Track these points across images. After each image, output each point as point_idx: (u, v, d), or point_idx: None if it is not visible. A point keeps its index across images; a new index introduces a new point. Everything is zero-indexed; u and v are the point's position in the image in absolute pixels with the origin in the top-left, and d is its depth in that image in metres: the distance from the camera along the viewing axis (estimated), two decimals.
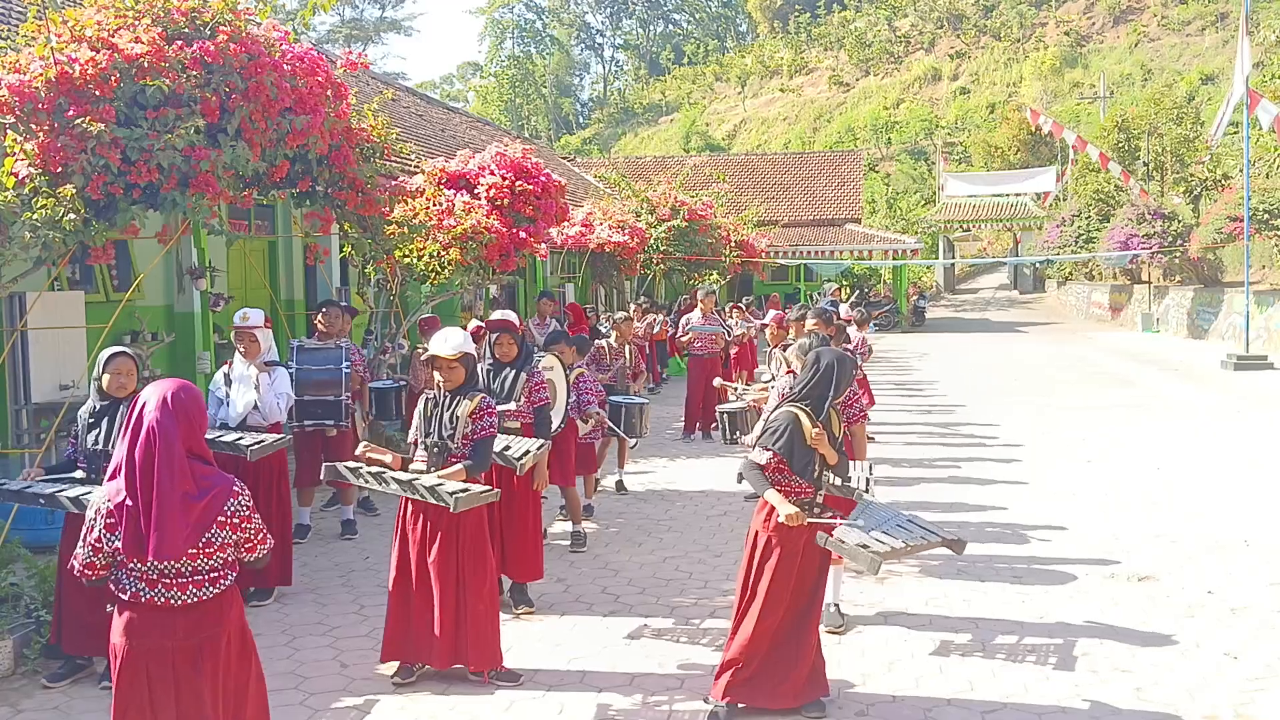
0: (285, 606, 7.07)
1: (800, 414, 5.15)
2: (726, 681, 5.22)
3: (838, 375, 5.18)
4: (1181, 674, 5.81)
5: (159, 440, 3.54)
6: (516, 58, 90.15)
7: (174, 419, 3.57)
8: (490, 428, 5.77)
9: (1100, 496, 10.17)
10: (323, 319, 8.96)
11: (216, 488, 3.65)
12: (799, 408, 5.19)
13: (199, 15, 6.80)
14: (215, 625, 3.70)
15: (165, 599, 3.62)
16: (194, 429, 3.66)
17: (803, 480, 5.17)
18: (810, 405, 5.19)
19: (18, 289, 7.36)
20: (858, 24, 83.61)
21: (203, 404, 3.77)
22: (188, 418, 3.63)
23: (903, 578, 7.58)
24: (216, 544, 3.65)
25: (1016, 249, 52.33)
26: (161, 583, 3.61)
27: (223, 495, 3.66)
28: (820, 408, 5.18)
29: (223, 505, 3.66)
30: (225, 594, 3.74)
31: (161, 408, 3.58)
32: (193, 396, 3.69)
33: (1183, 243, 30.77)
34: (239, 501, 3.71)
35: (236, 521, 3.69)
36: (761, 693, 5.20)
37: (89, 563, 3.66)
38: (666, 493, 10.58)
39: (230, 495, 3.69)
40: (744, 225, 29.97)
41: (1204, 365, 22.26)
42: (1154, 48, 68.43)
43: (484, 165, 12.25)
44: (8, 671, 5.88)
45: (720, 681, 5.27)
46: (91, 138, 6.06)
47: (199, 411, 3.70)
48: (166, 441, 3.54)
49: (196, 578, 3.64)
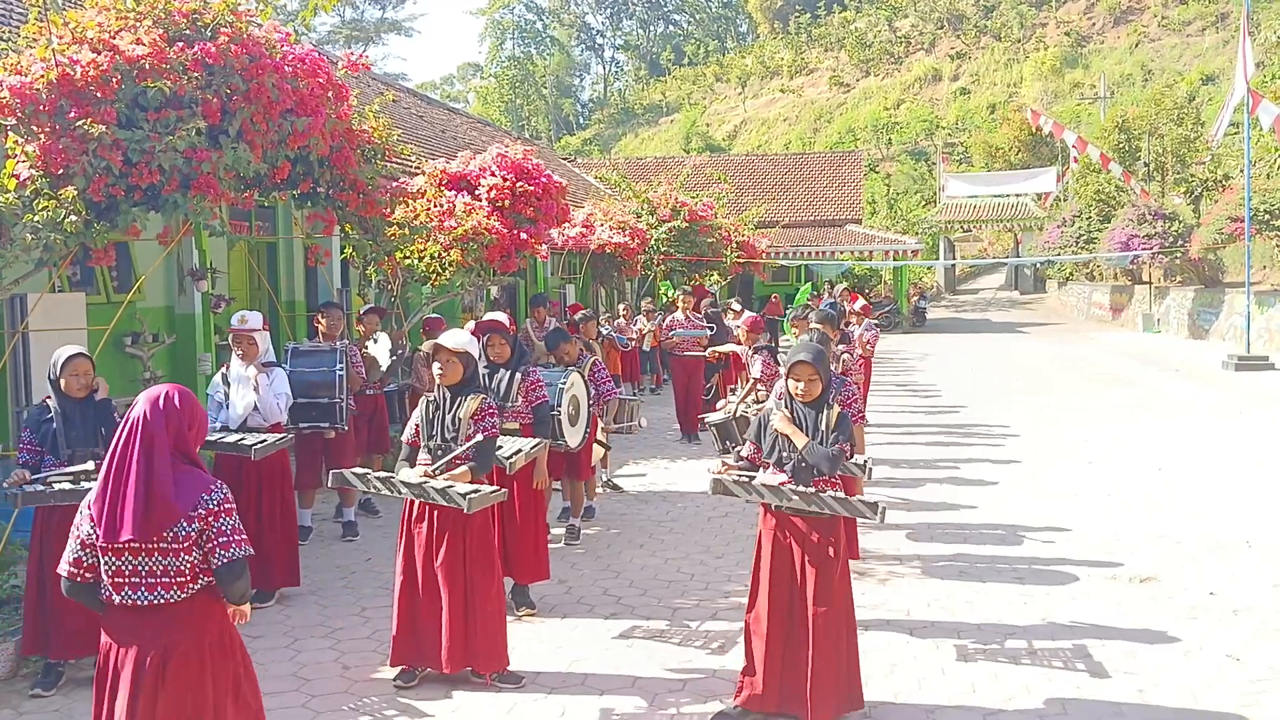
0: (287, 608, 7.07)
1: (775, 409, 5.40)
2: (745, 694, 5.21)
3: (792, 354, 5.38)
4: (1184, 675, 5.80)
5: (141, 432, 3.54)
6: (517, 58, 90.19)
7: (163, 417, 3.57)
8: (492, 428, 5.77)
9: (1102, 497, 10.17)
10: (324, 320, 8.95)
11: (193, 487, 3.59)
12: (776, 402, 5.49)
13: (200, 17, 6.79)
14: (184, 631, 3.60)
15: (132, 600, 3.57)
16: (184, 431, 3.62)
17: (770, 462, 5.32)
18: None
19: (19, 291, 7.35)
20: (858, 24, 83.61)
21: (199, 411, 3.72)
22: (178, 419, 3.60)
23: (905, 579, 7.58)
24: (183, 539, 3.55)
25: (1017, 249, 52.29)
26: (129, 583, 3.57)
27: (196, 492, 3.58)
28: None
29: (197, 497, 3.57)
30: (197, 601, 3.64)
31: (152, 407, 3.58)
32: (187, 402, 3.66)
33: (1183, 243, 30.75)
34: (212, 496, 3.61)
35: (203, 514, 3.57)
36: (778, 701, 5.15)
37: (75, 560, 3.63)
38: (668, 494, 10.58)
39: (205, 491, 3.60)
40: (745, 226, 29.96)
41: (1205, 365, 22.25)
42: (1154, 48, 68.40)
43: (485, 166, 12.24)
44: (9, 674, 5.88)
45: (741, 689, 5.28)
46: (93, 139, 6.05)
47: (192, 416, 3.66)
48: (149, 434, 3.53)
49: (164, 579, 3.56)
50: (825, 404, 5.28)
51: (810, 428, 5.23)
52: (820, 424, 5.22)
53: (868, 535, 8.28)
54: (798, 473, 5.20)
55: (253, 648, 6.26)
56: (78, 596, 3.69)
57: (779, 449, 5.28)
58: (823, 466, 5.16)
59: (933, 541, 8.59)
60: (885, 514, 5.10)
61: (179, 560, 3.57)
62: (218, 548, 3.61)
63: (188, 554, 3.57)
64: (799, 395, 5.27)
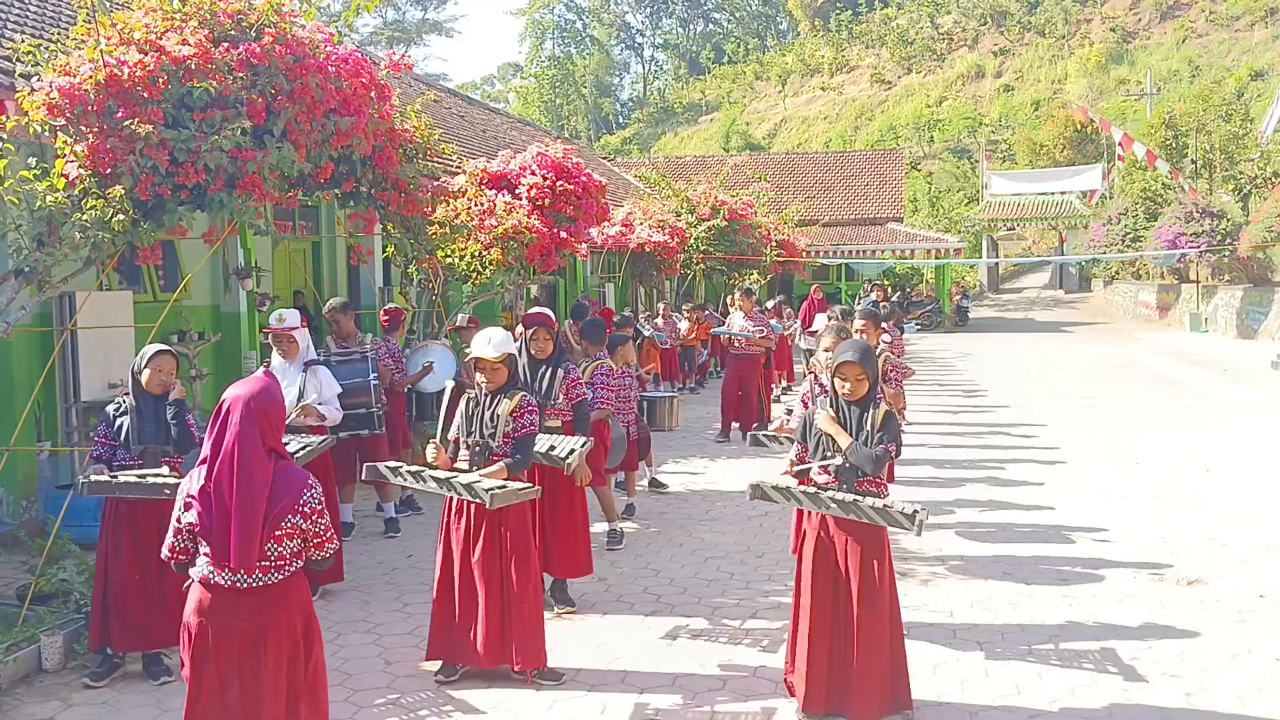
0: (330, 603, 7.12)
1: (820, 407, 5.36)
2: (802, 691, 5.18)
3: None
4: (1232, 680, 5.71)
5: (240, 451, 3.72)
6: (556, 58, 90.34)
7: (254, 424, 3.76)
8: (531, 425, 5.78)
9: (1149, 498, 10.03)
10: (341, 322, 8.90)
11: (293, 484, 3.82)
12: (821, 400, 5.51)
13: (245, 18, 6.85)
14: (278, 610, 3.83)
15: (232, 581, 3.77)
16: (273, 428, 3.84)
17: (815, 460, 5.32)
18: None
19: (68, 289, 7.46)
20: (900, 21, 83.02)
21: (281, 401, 3.96)
22: (268, 419, 3.81)
23: (948, 579, 7.52)
24: (285, 530, 3.78)
25: (1062, 248, 51.72)
26: (229, 565, 3.74)
27: (297, 489, 3.81)
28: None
29: (298, 498, 3.80)
30: (290, 580, 3.88)
31: (244, 415, 3.75)
32: (272, 397, 3.86)
33: (1232, 241, 30.28)
34: (313, 494, 3.86)
35: (307, 511, 3.82)
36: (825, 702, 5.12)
37: (173, 546, 3.86)
38: (708, 493, 10.56)
39: (305, 488, 3.84)
40: (784, 224, 29.84)
41: (1253, 365, 21.88)
42: (1202, 43, 67.37)
43: (525, 165, 12.29)
44: (58, 666, 5.96)
45: (790, 690, 5.31)
46: (140, 139, 6.13)
47: (277, 410, 3.89)
48: (249, 449, 3.72)
49: (263, 563, 3.77)
50: (871, 403, 5.25)
51: (855, 427, 5.20)
52: (865, 423, 5.19)
53: (909, 535, 8.20)
54: (841, 473, 5.17)
55: None
56: (183, 572, 3.93)
57: (823, 448, 5.26)
58: (866, 467, 5.13)
59: (976, 542, 8.51)
60: (923, 526, 5.05)
61: (281, 546, 3.80)
62: (324, 543, 3.93)
63: (290, 540, 3.82)
64: (845, 394, 5.24)
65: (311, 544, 3.90)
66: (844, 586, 5.13)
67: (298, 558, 3.88)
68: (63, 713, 5.46)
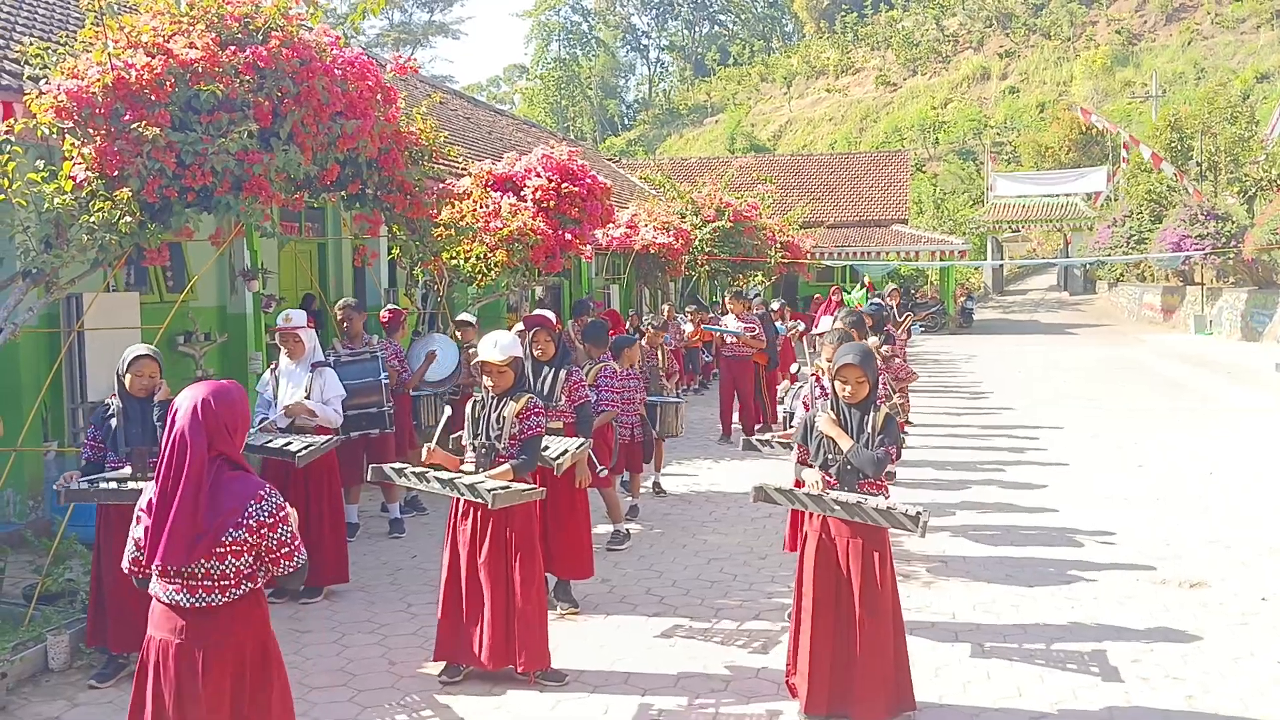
0: (334, 604, 7.16)
1: (821, 410, 5.39)
2: (804, 693, 5.19)
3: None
4: (1234, 683, 5.72)
5: (182, 450, 3.50)
6: (562, 60, 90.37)
7: (201, 427, 3.51)
8: (538, 427, 5.81)
9: (1151, 501, 10.04)
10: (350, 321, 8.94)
11: (240, 494, 3.55)
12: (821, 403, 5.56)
13: (252, 21, 6.89)
14: (223, 634, 3.57)
15: (174, 600, 3.57)
16: (226, 434, 3.57)
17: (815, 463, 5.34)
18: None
19: (75, 290, 7.50)
20: (905, 23, 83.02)
21: (241, 409, 3.66)
22: (218, 422, 3.55)
23: (950, 581, 7.54)
24: (229, 546, 3.51)
25: (1067, 250, 51.68)
26: (174, 582, 3.57)
27: (242, 501, 3.54)
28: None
29: (243, 511, 3.53)
30: (239, 605, 3.60)
31: (190, 416, 3.53)
32: (228, 402, 3.61)
33: (1237, 244, 30.27)
34: (262, 506, 3.56)
35: (254, 525, 3.54)
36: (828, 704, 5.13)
37: (134, 559, 3.67)
38: (710, 494, 10.58)
39: (253, 499, 3.55)
40: (789, 226, 29.86)
41: (1258, 368, 21.85)
42: (1207, 46, 67.30)
43: (530, 167, 12.32)
44: (64, 666, 6.00)
45: (793, 692, 5.32)
46: (147, 142, 6.16)
47: (234, 416, 3.61)
48: (192, 451, 3.50)
49: (206, 582, 3.53)
50: (871, 406, 5.27)
51: (855, 430, 5.22)
52: (866, 426, 5.21)
53: (912, 537, 8.22)
54: (842, 475, 5.20)
55: (301, 642, 6.37)
56: (145, 588, 3.72)
57: (824, 451, 5.28)
58: (867, 470, 5.15)
59: (978, 543, 8.52)
60: (926, 527, 5.07)
61: (224, 565, 3.53)
62: (280, 559, 3.64)
63: (235, 559, 3.54)
64: (845, 397, 5.26)
65: (268, 558, 3.62)
66: (846, 588, 5.15)
67: (249, 579, 3.60)
68: (68, 712, 5.49)
